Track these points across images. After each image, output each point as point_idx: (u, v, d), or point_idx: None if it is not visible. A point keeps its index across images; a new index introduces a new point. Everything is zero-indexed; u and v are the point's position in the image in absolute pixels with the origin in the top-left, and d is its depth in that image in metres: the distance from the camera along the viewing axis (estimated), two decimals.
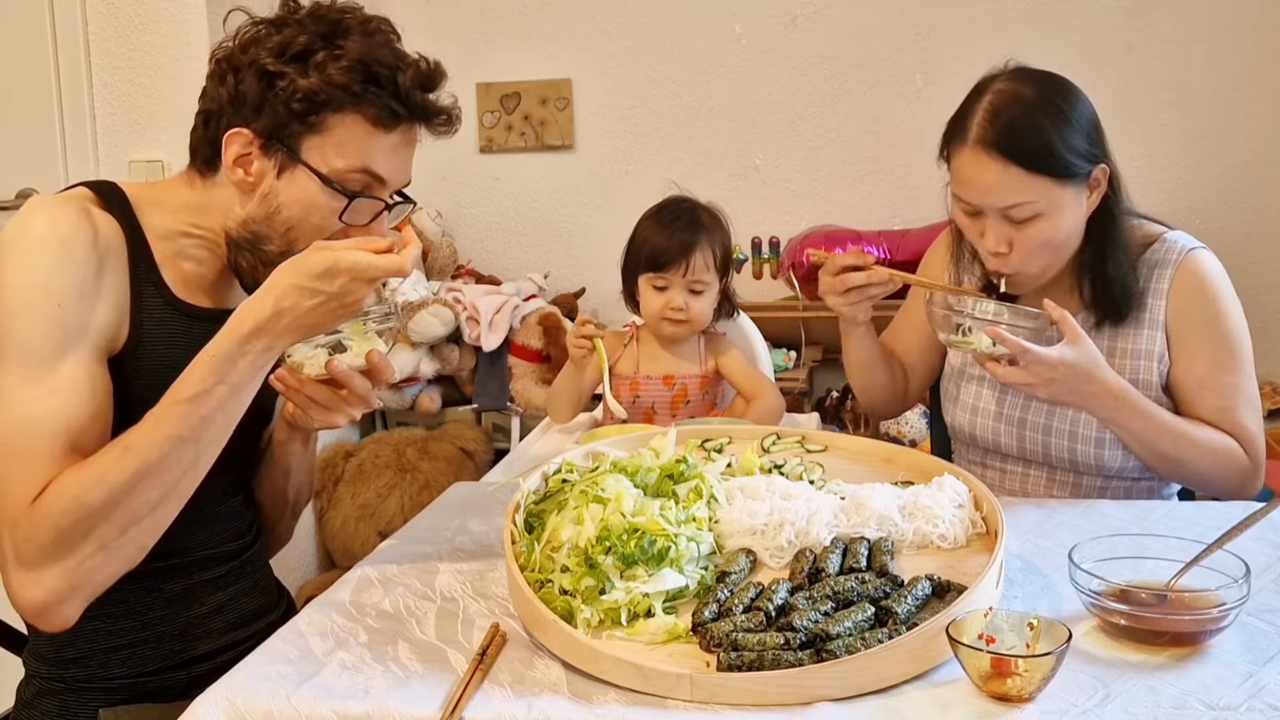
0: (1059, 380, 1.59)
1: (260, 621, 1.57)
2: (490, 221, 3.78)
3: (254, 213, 1.43)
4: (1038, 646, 1.10)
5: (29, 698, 1.48)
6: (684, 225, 2.06)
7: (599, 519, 1.31)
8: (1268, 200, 3.29)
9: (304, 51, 1.38)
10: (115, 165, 2.85)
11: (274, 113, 1.38)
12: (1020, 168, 1.61)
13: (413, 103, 1.42)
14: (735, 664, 1.10)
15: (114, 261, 1.38)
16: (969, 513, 1.42)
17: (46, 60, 2.81)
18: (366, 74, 1.39)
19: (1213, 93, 3.26)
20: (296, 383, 1.40)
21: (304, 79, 1.37)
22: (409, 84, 1.41)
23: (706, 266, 2.06)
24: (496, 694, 1.12)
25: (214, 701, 1.14)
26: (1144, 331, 1.75)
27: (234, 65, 1.40)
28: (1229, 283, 1.76)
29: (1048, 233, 1.65)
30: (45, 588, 1.27)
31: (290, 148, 1.39)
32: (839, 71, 3.48)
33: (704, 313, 2.09)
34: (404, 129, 1.44)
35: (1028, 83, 1.67)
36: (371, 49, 1.40)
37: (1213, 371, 1.73)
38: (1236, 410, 1.72)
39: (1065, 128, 1.63)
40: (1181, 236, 1.78)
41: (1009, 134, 1.62)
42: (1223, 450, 1.70)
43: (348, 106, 1.39)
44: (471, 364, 3.35)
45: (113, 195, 1.43)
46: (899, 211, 3.46)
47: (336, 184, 1.40)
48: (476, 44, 3.67)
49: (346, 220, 1.43)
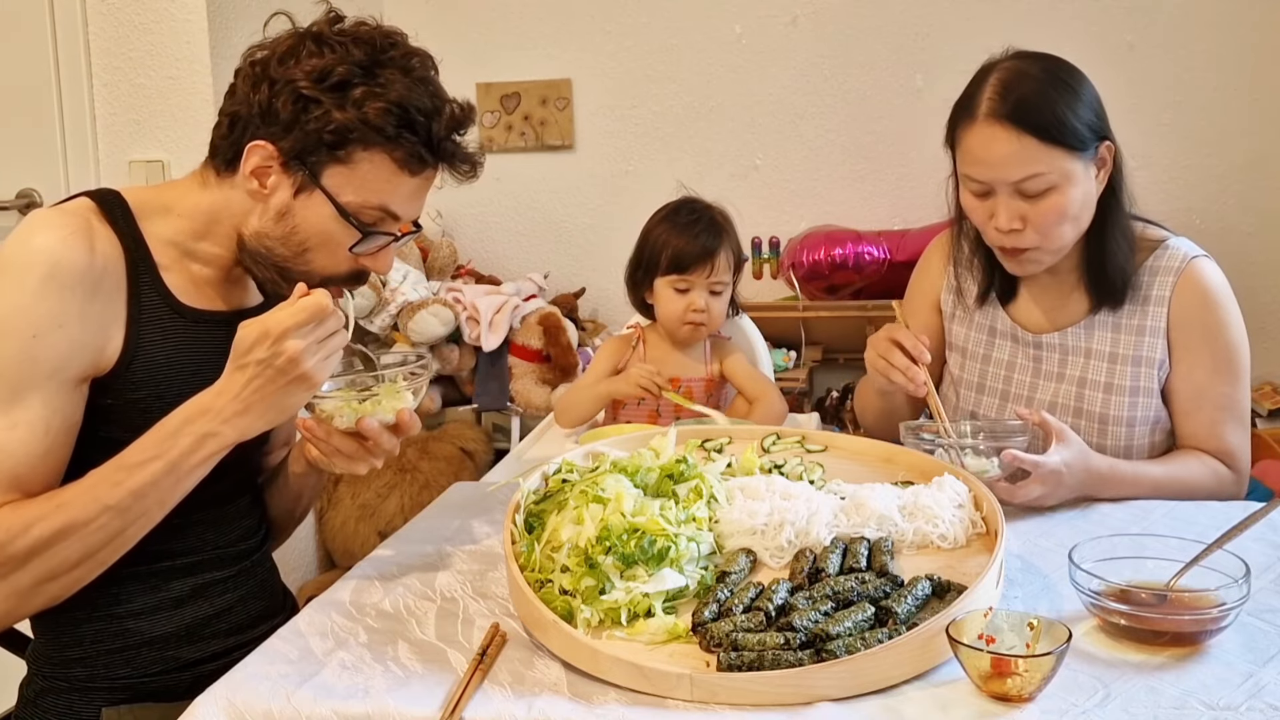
0: (1065, 482, 1.58)
1: (265, 624, 1.57)
2: (490, 221, 3.78)
3: (269, 228, 1.43)
4: (1038, 646, 1.10)
5: (31, 696, 1.48)
6: (705, 227, 2.06)
7: (599, 519, 1.31)
8: (1268, 200, 3.29)
9: (343, 82, 1.37)
10: (115, 165, 2.85)
11: (303, 136, 1.37)
12: (1034, 138, 1.62)
13: (443, 151, 1.43)
14: (735, 664, 1.11)
15: (109, 281, 1.38)
16: (969, 513, 1.42)
17: (46, 60, 2.81)
18: (403, 118, 1.38)
19: (1213, 93, 3.26)
20: (324, 433, 1.41)
21: (340, 112, 1.36)
22: (442, 132, 1.41)
23: (727, 267, 2.07)
24: (496, 694, 1.12)
25: (214, 701, 1.14)
26: (1145, 338, 1.75)
27: (270, 77, 1.39)
28: (1230, 291, 1.76)
29: (1062, 205, 1.65)
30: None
31: (312, 172, 1.39)
32: (839, 71, 3.48)
33: (722, 313, 2.10)
34: (428, 173, 1.45)
35: (1032, 60, 1.69)
36: (411, 92, 1.39)
37: (1211, 381, 1.73)
38: (1226, 425, 1.74)
39: (1074, 100, 1.64)
40: (1184, 243, 1.78)
41: (1021, 105, 1.62)
42: (1210, 482, 1.72)
43: (377, 146, 1.39)
44: (471, 364, 3.35)
45: (115, 205, 1.43)
46: (899, 211, 3.46)
47: (353, 218, 1.41)
48: (476, 44, 3.67)
49: (357, 252, 1.44)
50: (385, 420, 1.40)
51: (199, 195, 1.47)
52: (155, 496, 1.33)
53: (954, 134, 1.73)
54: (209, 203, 1.46)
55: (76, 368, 1.35)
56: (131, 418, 1.40)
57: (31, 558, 1.30)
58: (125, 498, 1.31)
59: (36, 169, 2.86)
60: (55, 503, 1.31)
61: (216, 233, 1.46)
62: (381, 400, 1.40)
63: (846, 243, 3.22)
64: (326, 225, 1.41)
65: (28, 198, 2.86)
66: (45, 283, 1.32)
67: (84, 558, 1.32)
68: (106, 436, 1.39)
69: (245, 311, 1.54)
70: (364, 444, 1.41)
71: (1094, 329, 1.79)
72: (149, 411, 1.40)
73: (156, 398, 1.41)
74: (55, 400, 1.33)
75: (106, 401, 1.39)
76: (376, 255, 1.47)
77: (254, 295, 1.58)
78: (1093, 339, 1.78)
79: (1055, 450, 1.58)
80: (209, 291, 1.50)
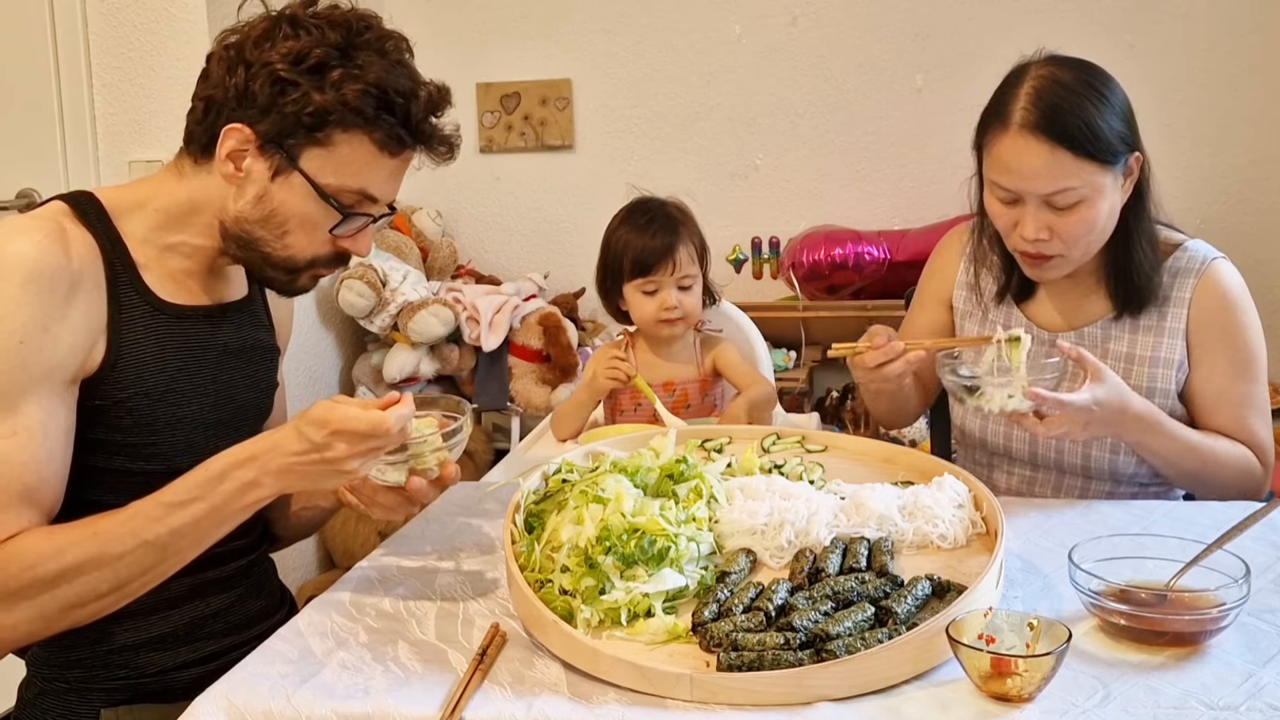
0: (1095, 420, 1.59)
1: (264, 624, 1.57)
2: (490, 221, 3.78)
3: (248, 212, 1.42)
4: (1038, 646, 1.10)
5: (30, 697, 1.48)
6: (661, 225, 2.05)
7: (599, 519, 1.31)
8: (1268, 200, 3.29)
9: (321, 64, 1.37)
10: (115, 165, 2.85)
11: (281, 119, 1.37)
12: (1067, 151, 1.59)
13: (421, 132, 1.43)
14: (735, 664, 1.10)
15: (88, 282, 1.37)
16: (969, 513, 1.42)
17: (46, 60, 2.81)
18: (381, 100, 1.38)
19: (1214, 93, 3.26)
20: (370, 490, 1.41)
21: (318, 94, 1.36)
22: (420, 113, 1.41)
23: (691, 260, 2.05)
24: (496, 694, 1.12)
25: (214, 701, 1.14)
26: (1164, 340, 1.74)
27: (246, 60, 1.38)
28: (1248, 293, 1.76)
29: (1090, 219, 1.63)
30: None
31: (290, 154, 1.39)
32: (839, 71, 3.48)
33: (696, 307, 2.08)
34: (406, 154, 1.44)
35: (1066, 67, 1.66)
36: (389, 74, 1.39)
37: (1232, 381, 1.73)
38: (1251, 420, 1.73)
39: (1108, 111, 1.62)
40: (1202, 246, 1.77)
41: (1055, 117, 1.60)
42: (1241, 462, 1.71)
43: (357, 128, 1.38)
44: (471, 364, 3.35)
45: (89, 207, 1.41)
46: (899, 211, 3.46)
47: (332, 199, 1.41)
48: (476, 44, 3.67)
49: (337, 234, 1.44)
50: (429, 477, 1.40)
51: (175, 186, 1.45)
52: (193, 536, 1.33)
53: (983, 139, 1.69)
54: (186, 193, 1.45)
55: (66, 369, 1.34)
56: (119, 418, 1.40)
57: (60, 583, 1.29)
58: (164, 534, 1.31)
59: (36, 169, 2.86)
60: (90, 530, 1.30)
61: (196, 223, 1.45)
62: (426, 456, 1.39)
63: (846, 243, 3.22)
64: (305, 207, 1.41)
65: (27, 198, 2.86)
66: (24, 288, 1.30)
67: (113, 589, 1.32)
68: (94, 438, 1.39)
69: (229, 305, 1.53)
70: (405, 495, 1.41)
71: (1111, 330, 1.78)
72: (136, 411, 1.40)
73: (143, 396, 1.40)
74: (49, 403, 1.33)
75: (94, 403, 1.38)
76: (356, 237, 1.46)
77: (238, 288, 1.57)
78: (1110, 340, 1.77)
79: (1088, 388, 1.57)
80: (191, 285, 1.49)
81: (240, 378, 1.54)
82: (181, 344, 1.45)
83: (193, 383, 1.46)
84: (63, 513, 1.38)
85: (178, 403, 1.45)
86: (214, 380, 1.50)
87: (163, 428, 1.43)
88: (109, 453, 1.41)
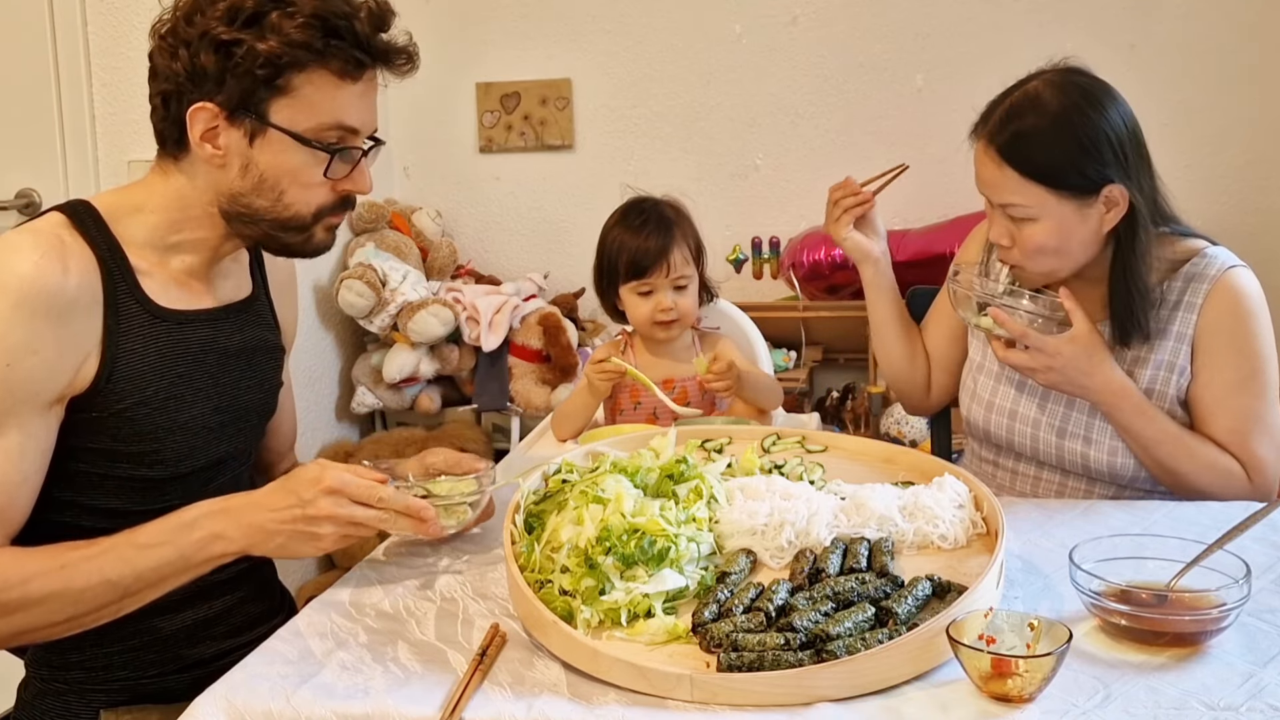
0: (1057, 369, 1.65)
1: (263, 626, 1.56)
2: (490, 221, 3.77)
3: (239, 186, 1.41)
4: (1038, 647, 1.10)
5: (30, 698, 1.48)
6: (655, 227, 2.04)
7: (599, 519, 1.31)
8: (1268, 201, 3.29)
9: (255, 14, 1.35)
10: (115, 165, 2.84)
11: (237, 82, 1.36)
12: (1015, 171, 1.65)
13: (374, 48, 1.41)
14: (735, 664, 1.10)
15: (84, 300, 1.36)
16: (969, 513, 1.42)
17: (46, 60, 2.81)
18: (325, 28, 1.36)
19: (1214, 93, 3.26)
20: None
21: (262, 43, 1.34)
22: (367, 30, 1.40)
23: (686, 261, 2.04)
24: (496, 694, 1.12)
25: (214, 702, 1.14)
26: (1169, 343, 1.72)
27: (183, 39, 1.37)
28: (1265, 305, 1.73)
29: (1041, 237, 1.66)
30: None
31: (258, 114, 1.38)
32: (839, 71, 3.48)
33: (691, 307, 2.08)
34: (369, 76, 1.43)
35: (1058, 89, 1.66)
36: (324, 2, 1.37)
37: (1231, 392, 1.70)
38: (1250, 435, 1.69)
39: (1072, 146, 1.63)
40: (1223, 253, 1.75)
41: (1012, 140, 1.65)
42: (1222, 471, 1.69)
43: (312, 64, 1.37)
44: (471, 364, 3.35)
45: (86, 216, 1.41)
46: (899, 211, 3.45)
47: (314, 142, 1.40)
48: (476, 44, 3.66)
49: (331, 176, 1.42)
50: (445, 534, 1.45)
51: (164, 186, 1.44)
52: (154, 580, 1.34)
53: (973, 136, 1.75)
54: (175, 190, 1.44)
55: (51, 392, 1.34)
56: (118, 426, 1.39)
57: (19, 610, 1.30)
58: (127, 575, 1.32)
59: (36, 169, 2.86)
60: (58, 562, 1.31)
61: (192, 217, 1.44)
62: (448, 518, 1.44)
63: None
64: (292, 160, 1.40)
65: (27, 198, 2.86)
66: (17, 309, 1.30)
67: (68, 619, 1.33)
68: (94, 447, 1.39)
69: (231, 306, 1.53)
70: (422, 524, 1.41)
71: None
72: (135, 420, 1.40)
73: (141, 405, 1.40)
74: (30, 426, 1.32)
75: (90, 415, 1.38)
76: (353, 176, 1.45)
77: (242, 288, 1.56)
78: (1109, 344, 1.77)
79: (1063, 336, 1.65)
80: (194, 286, 1.48)
81: (244, 379, 1.54)
82: (182, 350, 1.45)
83: (194, 387, 1.46)
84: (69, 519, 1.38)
85: (179, 409, 1.44)
86: (216, 383, 1.49)
87: (164, 434, 1.43)
88: (111, 460, 1.41)
